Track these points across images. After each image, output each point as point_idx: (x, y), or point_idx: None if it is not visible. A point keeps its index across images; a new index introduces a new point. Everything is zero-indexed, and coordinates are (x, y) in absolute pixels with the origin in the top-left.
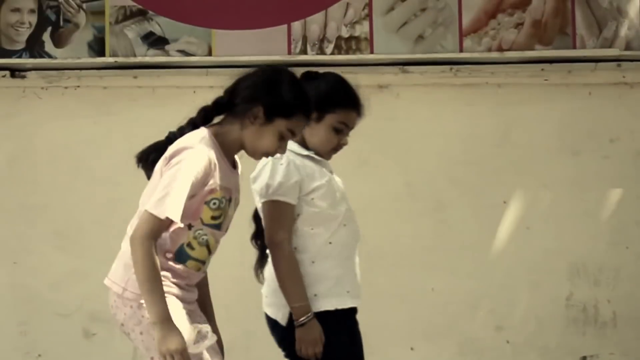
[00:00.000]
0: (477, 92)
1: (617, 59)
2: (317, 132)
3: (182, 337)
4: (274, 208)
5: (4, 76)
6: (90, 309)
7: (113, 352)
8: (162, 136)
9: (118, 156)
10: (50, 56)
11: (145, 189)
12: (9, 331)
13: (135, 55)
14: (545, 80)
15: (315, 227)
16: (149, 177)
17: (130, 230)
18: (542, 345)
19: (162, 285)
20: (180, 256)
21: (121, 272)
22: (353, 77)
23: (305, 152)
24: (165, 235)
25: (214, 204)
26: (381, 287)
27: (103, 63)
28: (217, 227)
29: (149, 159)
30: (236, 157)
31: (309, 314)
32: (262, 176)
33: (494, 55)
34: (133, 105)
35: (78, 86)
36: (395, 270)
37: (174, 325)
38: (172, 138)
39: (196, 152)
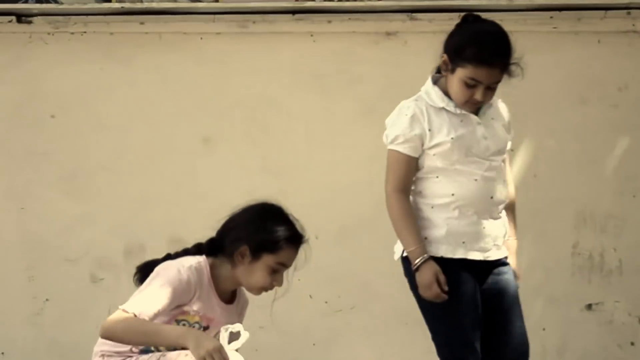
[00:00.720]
0: None
1: (627, 7)
2: (451, 83)
3: (214, 338)
4: (390, 157)
5: (10, 22)
6: (98, 254)
7: (120, 297)
8: (167, 82)
9: (125, 102)
10: (56, 2)
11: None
12: (17, 276)
13: (142, 1)
14: (554, 28)
15: (439, 176)
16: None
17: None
18: (548, 293)
19: (146, 323)
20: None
21: None
22: (360, 24)
23: (442, 105)
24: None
25: (183, 324)
26: (387, 234)
27: (110, 9)
28: (204, 328)
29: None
30: (242, 291)
31: (421, 257)
32: (388, 124)
33: (503, 2)
34: (139, 52)
35: (84, 32)
36: None
37: (196, 331)
38: (168, 257)
39: (180, 271)
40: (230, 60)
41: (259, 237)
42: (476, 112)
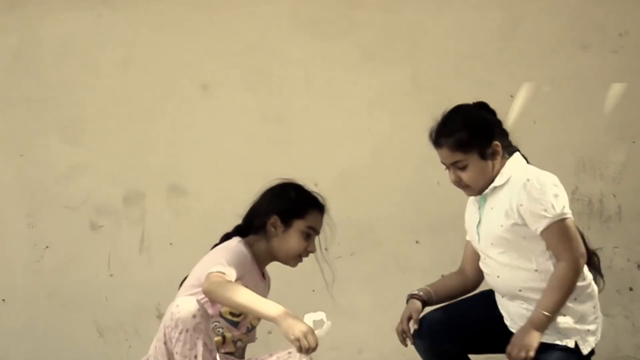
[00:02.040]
0: None
1: None
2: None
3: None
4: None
5: None
6: (97, 201)
7: (120, 244)
8: (166, 29)
9: (123, 49)
10: None
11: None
12: (17, 223)
13: None
14: None
15: None
16: None
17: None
18: None
19: (249, 291)
20: None
21: None
22: None
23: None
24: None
25: None
26: (386, 181)
27: None
28: (234, 324)
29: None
30: (266, 269)
31: None
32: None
33: None
34: None
35: None
36: (400, 165)
37: (291, 313)
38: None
39: (235, 247)
40: (229, 7)
41: (286, 205)
42: None
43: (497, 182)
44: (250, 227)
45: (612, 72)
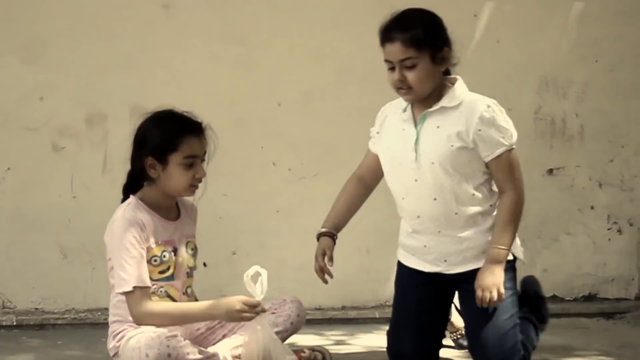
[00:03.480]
0: None
1: None
2: None
3: (233, 298)
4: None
5: None
6: (59, 122)
7: (82, 165)
8: None
9: None
10: None
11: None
12: None
13: None
14: None
15: None
16: None
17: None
18: None
19: (186, 306)
20: None
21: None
22: None
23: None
24: None
25: (155, 260)
26: (350, 102)
27: None
28: (170, 278)
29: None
30: (184, 201)
31: None
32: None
33: None
34: None
35: None
36: (363, 85)
37: (220, 302)
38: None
39: (121, 224)
40: None
41: (155, 142)
42: None
43: (447, 102)
44: (136, 177)
45: None
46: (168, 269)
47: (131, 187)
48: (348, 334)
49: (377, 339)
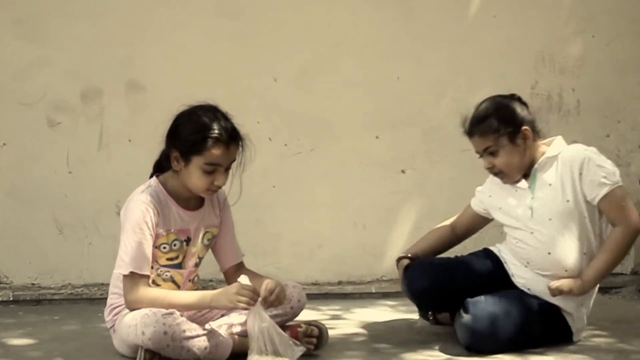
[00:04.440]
0: None
1: None
2: None
3: (233, 285)
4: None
5: None
6: (54, 98)
7: (78, 141)
8: None
9: None
10: None
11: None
12: None
13: None
14: None
15: None
16: None
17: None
18: None
19: (177, 296)
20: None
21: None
22: None
23: None
24: None
25: (164, 247)
26: (346, 76)
27: None
28: (178, 266)
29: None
30: (217, 195)
31: None
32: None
33: None
34: None
35: None
36: (359, 60)
37: (222, 289)
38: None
39: (137, 205)
40: None
41: (186, 139)
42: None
43: (549, 153)
44: (167, 159)
45: None
46: (177, 257)
47: (161, 166)
48: (344, 308)
49: (373, 314)
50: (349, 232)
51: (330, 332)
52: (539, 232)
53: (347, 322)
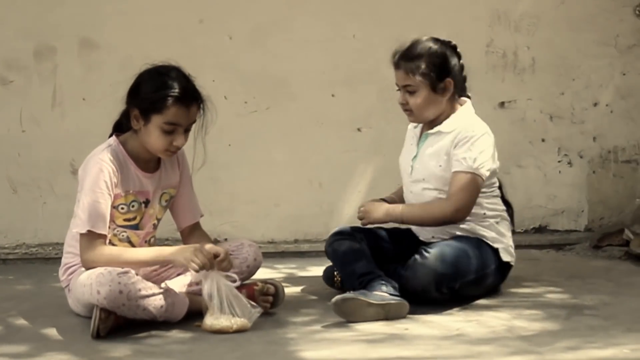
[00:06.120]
0: None
1: None
2: None
3: (190, 246)
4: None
5: None
6: (6, 56)
7: (31, 99)
8: None
9: None
10: None
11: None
12: None
13: None
14: None
15: None
16: None
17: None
18: None
19: (133, 253)
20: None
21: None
22: None
23: None
24: None
25: (122, 208)
26: (302, 34)
27: None
28: (135, 227)
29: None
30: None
31: None
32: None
33: None
34: None
35: None
36: (316, 18)
37: (180, 247)
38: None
39: (96, 164)
40: None
41: (146, 98)
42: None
43: (445, 128)
44: (127, 119)
45: None
46: (135, 218)
47: (120, 126)
48: (300, 267)
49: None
50: (305, 191)
51: (287, 290)
52: (413, 186)
53: (303, 280)
